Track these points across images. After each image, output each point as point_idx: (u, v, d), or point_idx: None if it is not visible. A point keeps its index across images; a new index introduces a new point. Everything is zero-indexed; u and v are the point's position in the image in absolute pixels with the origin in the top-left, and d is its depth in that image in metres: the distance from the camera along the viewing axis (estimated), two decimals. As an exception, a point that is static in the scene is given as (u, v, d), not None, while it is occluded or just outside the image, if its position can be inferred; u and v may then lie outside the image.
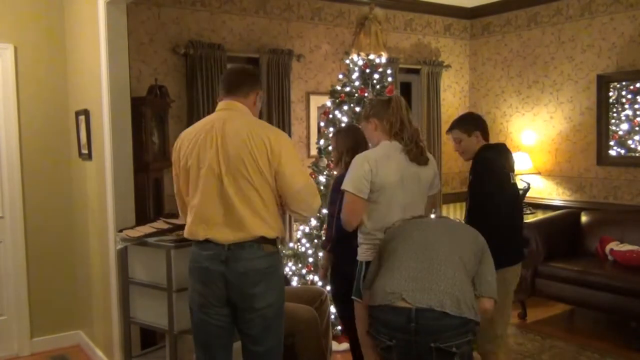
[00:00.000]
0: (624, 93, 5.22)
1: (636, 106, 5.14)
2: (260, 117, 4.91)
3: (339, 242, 3.10)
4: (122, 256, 3.36)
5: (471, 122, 3.15)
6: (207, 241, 2.37)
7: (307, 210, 2.45)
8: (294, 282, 4.35)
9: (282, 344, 2.53)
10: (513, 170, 3.11)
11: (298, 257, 4.45)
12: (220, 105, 2.47)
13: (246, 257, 2.34)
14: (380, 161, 2.62)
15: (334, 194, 3.13)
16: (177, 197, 2.59)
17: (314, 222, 4.40)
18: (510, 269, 2.91)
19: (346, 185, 2.65)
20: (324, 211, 4.29)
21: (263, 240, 2.37)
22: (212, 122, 2.40)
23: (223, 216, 2.34)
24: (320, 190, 4.37)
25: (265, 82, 4.97)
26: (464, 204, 7.03)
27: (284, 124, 5.07)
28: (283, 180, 2.34)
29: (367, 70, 4.43)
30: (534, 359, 3.97)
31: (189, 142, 2.41)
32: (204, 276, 2.39)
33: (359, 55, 4.45)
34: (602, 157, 5.33)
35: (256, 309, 2.37)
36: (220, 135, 2.33)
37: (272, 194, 2.37)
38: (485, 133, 3.14)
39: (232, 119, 2.38)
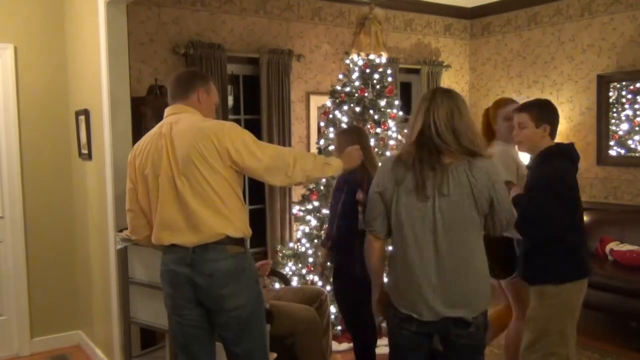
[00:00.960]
0: (624, 93, 5.22)
1: (636, 106, 5.14)
2: (261, 117, 4.98)
3: (339, 241, 3.10)
4: (122, 256, 3.35)
5: (545, 112, 2.73)
6: (172, 245, 2.38)
7: (285, 180, 2.38)
8: (294, 282, 4.35)
9: (264, 345, 2.51)
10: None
11: (298, 257, 4.45)
12: (166, 111, 2.47)
13: (211, 259, 2.32)
14: None
15: (338, 193, 3.13)
16: (130, 213, 2.56)
17: (314, 221, 4.40)
18: (571, 285, 2.64)
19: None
20: (325, 211, 4.30)
21: (228, 240, 2.34)
22: (160, 128, 2.41)
23: (184, 220, 2.33)
24: (320, 190, 4.37)
25: (265, 82, 4.97)
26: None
27: (284, 124, 5.07)
28: (245, 167, 2.32)
29: (367, 70, 4.43)
30: (534, 359, 3.97)
31: (142, 152, 2.43)
32: (171, 279, 2.40)
33: (359, 55, 4.45)
34: (602, 157, 5.33)
35: (226, 310, 2.35)
36: (169, 140, 2.34)
37: (231, 190, 2.34)
38: (554, 131, 2.75)
39: (177, 122, 2.38)
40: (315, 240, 4.36)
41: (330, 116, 4.46)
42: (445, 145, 2.09)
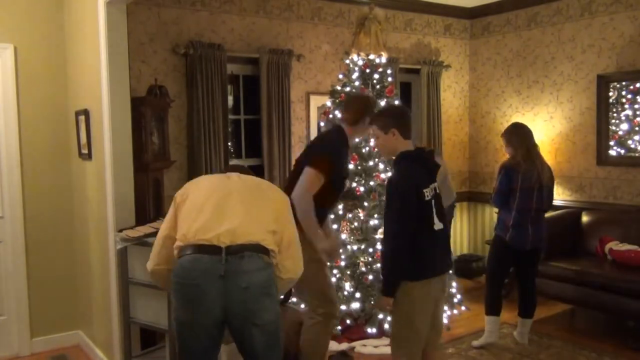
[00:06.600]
0: (624, 93, 5.22)
1: (636, 106, 5.14)
2: (260, 117, 4.98)
3: None
4: (122, 256, 3.36)
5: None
6: (199, 251, 2.26)
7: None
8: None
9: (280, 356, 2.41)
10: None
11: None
12: None
13: (246, 270, 2.23)
14: None
15: None
16: None
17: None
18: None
19: None
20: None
21: (262, 248, 2.28)
22: None
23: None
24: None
25: (265, 82, 4.97)
26: (465, 203, 6.99)
27: (284, 124, 5.07)
28: None
29: (367, 70, 4.44)
30: (532, 359, 3.97)
31: None
32: (195, 295, 2.27)
33: (359, 55, 4.46)
34: (602, 157, 5.33)
35: (253, 324, 2.23)
36: None
37: None
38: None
39: None
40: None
41: (330, 116, 4.47)
42: None
